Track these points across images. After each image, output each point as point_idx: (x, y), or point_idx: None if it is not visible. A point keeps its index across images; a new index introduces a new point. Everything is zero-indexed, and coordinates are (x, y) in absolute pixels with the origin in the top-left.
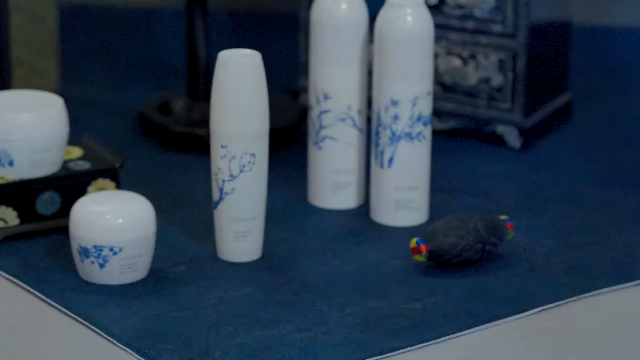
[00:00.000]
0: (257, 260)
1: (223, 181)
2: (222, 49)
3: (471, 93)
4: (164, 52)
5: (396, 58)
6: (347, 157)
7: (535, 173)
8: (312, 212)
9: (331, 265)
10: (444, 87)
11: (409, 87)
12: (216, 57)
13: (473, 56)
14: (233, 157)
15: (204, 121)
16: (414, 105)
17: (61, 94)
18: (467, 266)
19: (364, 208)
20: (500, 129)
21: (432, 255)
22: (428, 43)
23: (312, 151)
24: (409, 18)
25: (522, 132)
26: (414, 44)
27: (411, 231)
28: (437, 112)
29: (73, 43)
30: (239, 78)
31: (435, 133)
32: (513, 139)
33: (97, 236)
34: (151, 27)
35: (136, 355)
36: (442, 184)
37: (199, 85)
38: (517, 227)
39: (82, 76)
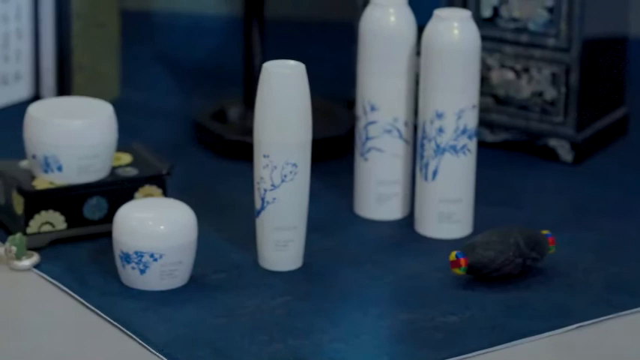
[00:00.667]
0: (297, 269)
1: (265, 190)
2: (278, 58)
3: (523, 106)
4: (224, 59)
5: (442, 71)
6: (392, 168)
7: (585, 188)
8: (357, 223)
9: (370, 276)
10: (497, 100)
11: (454, 100)
12: None
13: (526, 69)
14: (275, 167)
15: None
16: (458, 118)
17: (121, 99)
18: (506, 280)
19: (409, 220)
20: (553, 142)
21: (471, 268)
22: (474, 56)
23: (358, 161)
24: (456, 31)
25: (574, 146)
26: (460, 57)
27: (454, 243)
28: (489, 125)
29: (134, 49)
30: (282, 88)
31: (487, 146)
32: (565, 152)
33: (138, 242)
34: (211, 33)
35: None
36: (489, 196)
37: (255, 93)
38: (561, 242)
39: (142, 81)
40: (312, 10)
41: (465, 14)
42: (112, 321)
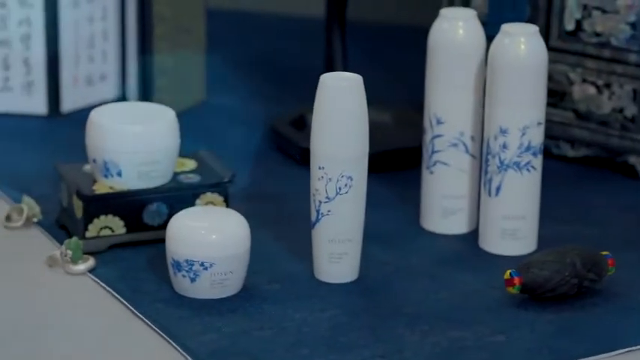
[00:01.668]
0: (352, 282)
1: (320, 202)
2: (361, 64)
3: (604, 122)
4: (309, 62)
5: (507, 87)
6: (458, 182)
7: None
8: (421, 236)
9: (425, 291)
10: (577, 115)
11: (519, 116)
12: (352, 71)
13: (608, 85)
14: (330, 179)
15: None
16: (522, 135)
17: (206, 103)
18: (562, 301)
19: (474, 235)
20: (632, 160)
21: (525, 288)
22: (540, 72)
23: (424, 174)
24: (522, 46)
25: None
26: (525, 73)
27: (517, 260)
28: (570, 140)
29: (221, 50)
30: (338, 101)
31: (568, 161)
32: None
33: (189, 251)
34: (300, 35)
35: None
36: (560, 213)
37: None
38: (626, 262)
39: (228, 85)
40: (397, 14)
41: (532, 29)
42: (156, 329)
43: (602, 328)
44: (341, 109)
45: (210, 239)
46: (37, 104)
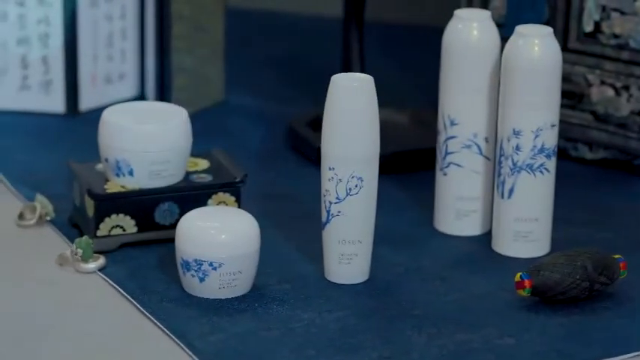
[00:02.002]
0: (362, 283)
1: (330, 203)
2: (379, 65)
3: (622, 124)
4: (329, 63)
5: (520, 88)
6: (471, 184)
7: None
8: (435, 238)
9: (435, 293)
10: (596, 117)
11: (532, 118)
12: (370, 71)
13: (626, 87)
14: (340, 180)
15: None
16: (536, 137)
17: (225, 102)
18: (573, 304)
19: (488, 237)
20: None
21: (536, 290)
22: (554, 74)
23: (438, 176)
24: (536, 48)
25: None
26: (539, 75)
27: (530, 263)
28: (588, 142)
29: (240, 49)
30: (348, 101)
31: (586, 163)
32: None
33: (197, 250)
34: (320, 35)
35: None
36: (575, 216)
37: None
38: (638, 266)
39: (249, 84)
40: (417, 15)
41: (546, 31)
42: (163, 328)
43: (613, 331)
44: (351, 109)
45: (219, 239)
46: (55, 103)
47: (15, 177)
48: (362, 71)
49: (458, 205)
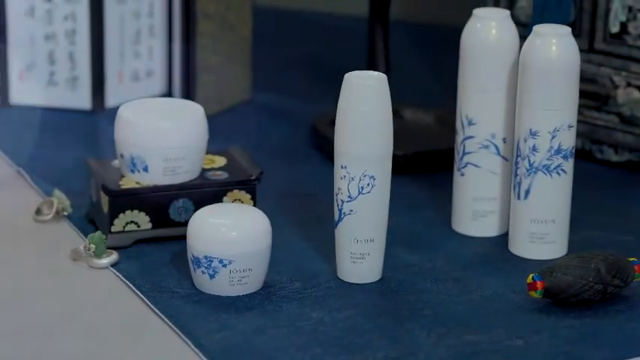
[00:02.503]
0: (374, 282)
1: (342, 201)
2: (403, 64)
3: None
4: (355, 62)
5: (537, 88)
6: (489, 185)
7: None
8: (451, 238)
9: (447, 294)
10: (622, 119)
11: (549, 118)
12: (396, 71)
13: None
14: (352, 178)
15: None
16: (553, 137)
17: (251, 101)
18: (586, 307)
19: (505, 238)
20: None
21: (548, 292)
22: (572, 74)
23: (455, 176)
24: (554, 48)
25: None
26: (556, 75)
27: (545, 265)
28: (614, 145)
29: (267, 49)
30: (361, 99)
31: (612, 166)
32: None
33: (207, 247)
34: (346, 34)
35: None
36: (596, 218)
37: None
38: None
39: (275, 83)
40: (444, 14)
41: (564, 30)
42: (171, 325)
43: (624, 334)
44: (364, 107)
45: (230, 236)
46: (81, 99)
47: (36, 172)
48: (387, 71)
49: (475, 205)
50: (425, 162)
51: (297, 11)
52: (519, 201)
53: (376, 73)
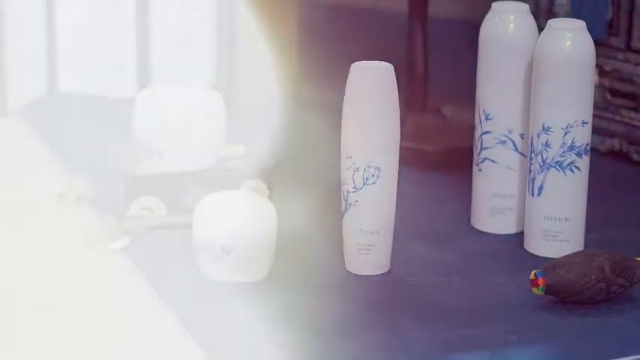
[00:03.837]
0: (380, 275)
1: (348, 192)
2: (441, 59)
3: None
4: (397, 57)
5: (550, 84)
6: (506, 181)
7: None
8: (468, 234)
9: (452, 289)
10: None
11: (562, 114)
12: (434, 68)
13: None
14: (357, 169)
15: (415, 133)
16: (565, 133)
17: (299, 96)
18: (590, 305)
19: (522, 236)
20: None
21: (550, 289)
22: (586, 69)
23: (474, 172)
24: (567, 42)
25: None
26: (570, 70)
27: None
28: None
29: (313, 44)
30: (367, 89)
31: (634, 164)
32: None
33: (211, 234)
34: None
35: None
36: (619, 219)
37: (415, 95)
38: None
39: (321, 77)
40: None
41: (579, 24)
42: (171, 312)
43: (622, 334)
44: (369, 97)
45: (234, 224)
46: (127, 89)
47: (70, 157)
48: (425, 67)
49: (493, 202)
50: (457, 158)
51: (340, 7)
52: (533, 197)
53: (382, 63)
